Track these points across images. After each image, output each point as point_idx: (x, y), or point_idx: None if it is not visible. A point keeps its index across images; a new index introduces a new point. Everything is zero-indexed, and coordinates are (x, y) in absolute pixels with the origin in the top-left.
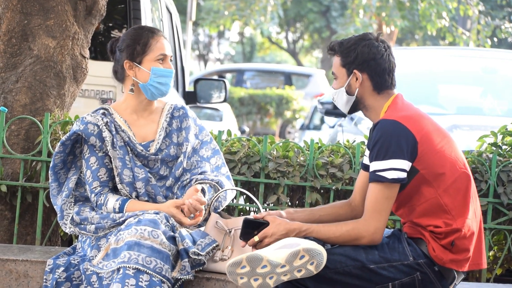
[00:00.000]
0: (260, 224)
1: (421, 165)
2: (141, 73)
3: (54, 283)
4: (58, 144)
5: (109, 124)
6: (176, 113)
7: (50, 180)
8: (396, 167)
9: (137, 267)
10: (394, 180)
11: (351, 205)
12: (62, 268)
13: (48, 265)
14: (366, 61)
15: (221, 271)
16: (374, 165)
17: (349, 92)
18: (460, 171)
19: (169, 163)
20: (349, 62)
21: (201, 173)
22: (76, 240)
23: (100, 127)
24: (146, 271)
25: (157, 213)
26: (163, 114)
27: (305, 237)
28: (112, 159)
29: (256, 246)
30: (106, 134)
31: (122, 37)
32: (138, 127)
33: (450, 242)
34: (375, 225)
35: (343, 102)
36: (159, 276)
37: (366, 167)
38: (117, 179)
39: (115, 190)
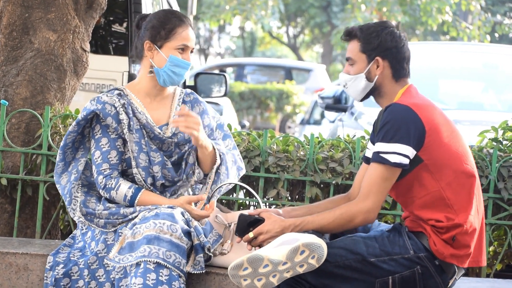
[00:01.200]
0: (256, 221)
1: (426, 156)
2: (159, 58)
3: (53, 279)
4: (73, 123)
5: (126, 106)
6: (187, 98)
7: (57, 159)
8: (400, 152)
9: (158, 261)
10: (396, 164)
11: (349, 199)
12: (61, 265)
13: (48, 262)
14: (389, 49)
15: (221, 265)
16: (379, 146)
17: (368, 79)
18: (464, 167)
19: (181, 146)
20: (371, 49)
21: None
22: (74, 228)
23: (117, 108)
24: (166, 265)
25: (172, 207)
26: (174, 99)
27: (304, 231)
28: (128, 143)
29: (251, 242)
30: (123, 116)
31: (150, 16)
32: (151, 110)
33: (451, 236)
34: (369, 205)
35: (359, 88)
36: (178, 271)
37: (367, 160)
38: (133, 163)
39: (123, 175)
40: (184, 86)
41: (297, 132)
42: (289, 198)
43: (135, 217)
